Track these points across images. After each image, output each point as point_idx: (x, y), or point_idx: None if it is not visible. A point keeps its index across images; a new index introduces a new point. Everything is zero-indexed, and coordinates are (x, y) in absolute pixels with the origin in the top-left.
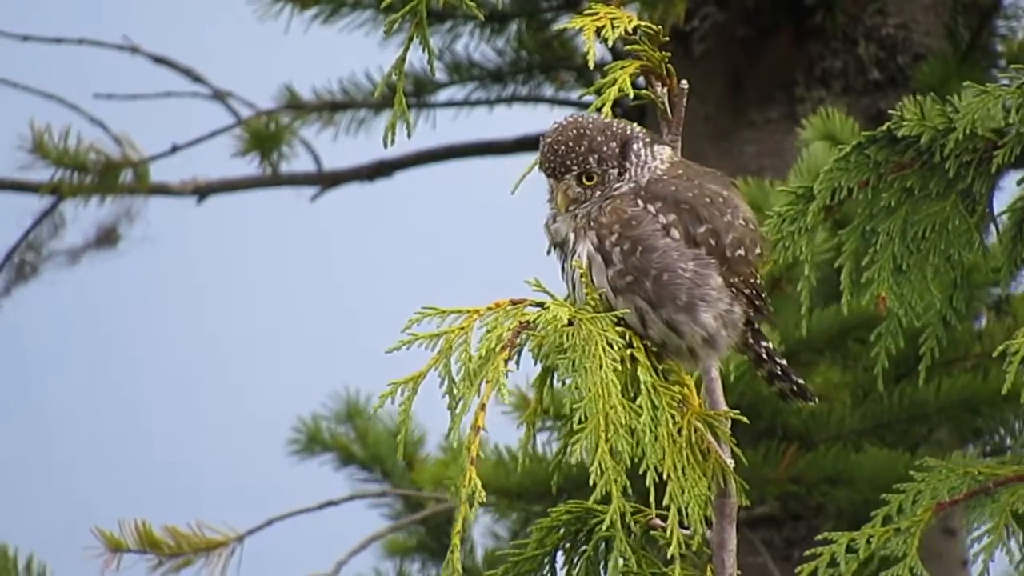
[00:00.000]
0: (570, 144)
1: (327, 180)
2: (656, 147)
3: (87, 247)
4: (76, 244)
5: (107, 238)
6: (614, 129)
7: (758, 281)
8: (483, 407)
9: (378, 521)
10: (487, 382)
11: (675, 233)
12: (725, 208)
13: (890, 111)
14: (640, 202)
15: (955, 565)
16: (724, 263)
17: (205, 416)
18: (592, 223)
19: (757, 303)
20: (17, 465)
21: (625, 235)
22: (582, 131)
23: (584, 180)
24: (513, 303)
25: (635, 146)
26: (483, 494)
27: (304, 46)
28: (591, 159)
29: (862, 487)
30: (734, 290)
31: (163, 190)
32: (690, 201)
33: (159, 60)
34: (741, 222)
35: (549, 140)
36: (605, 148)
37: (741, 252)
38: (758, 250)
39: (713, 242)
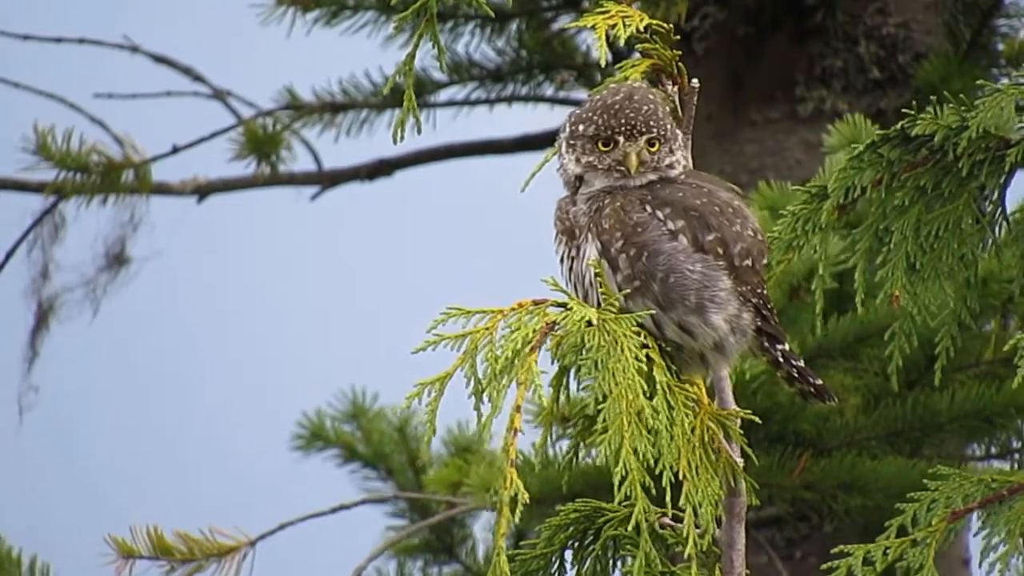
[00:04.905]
0: (650, 107)
1: (327, 179)
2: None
3: (99, 272)
4: (88, 274)
5: (117, 260)
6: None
7: (765, 291)
8: (518, 408)
9: (385, 520)
10: (519, 383)
11: (683, 239)
12: (735, 218)
13: (904, 110)
14: (648, 207)
15: (956, 563)
16: (732, 272)
17: (208, 418)
18: (593, 225)
19: (764, 313)
20: (27, 467)
21: (631, 241)
22: (654, 98)
23: (652, 146)
24: (535, 303)
25: (679, 132)
26: (526, 496)
27: (304, 46)
28: (667, 125)
29: (876, 494)
30: (742, 298)
31: (164, 190)
32: (699, 209)
33: (159, 59)
34: (750, 232)
35: (621, 99)
36: (669, 123)
37: (749, 262)
38: (765, 260)
39: (721, 251)
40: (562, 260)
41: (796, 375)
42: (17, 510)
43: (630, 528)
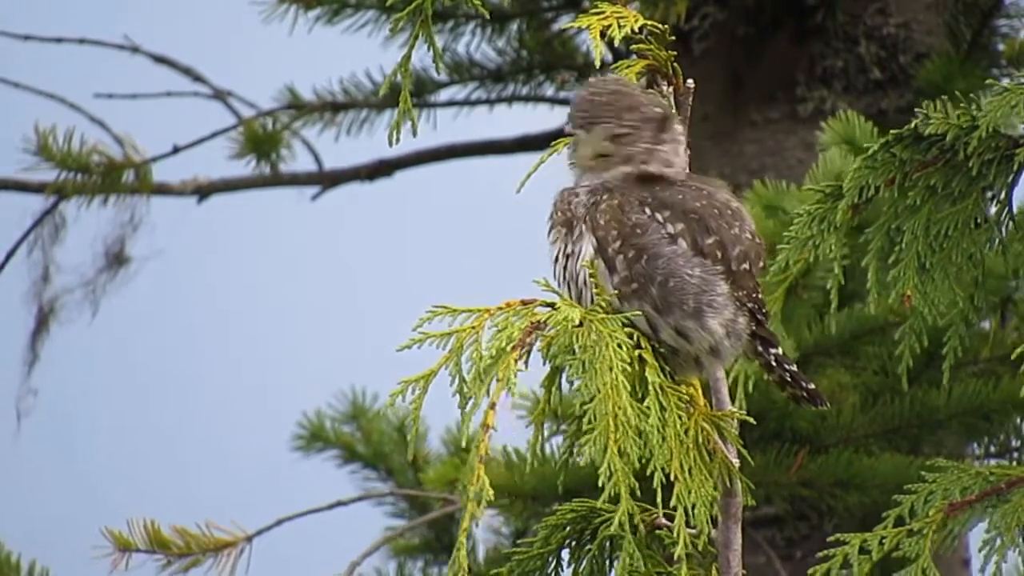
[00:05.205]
0: (609, 97)
1: (327, 180)
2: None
3: (99, 273)
4: (88, 275)
5: (117, 260)
6: (660, 100)
7: (760, 295)
8: (493, 405)
9: (384, 520)
10: (497, 380)
11: (682, 243)
12: (733, 220)
13: (916, 109)
14: (647, 209)
15: (956, 564)
16: (729, 276)
17: (207, 418)
18: (589, 219)
19: (759, 317)
20: (26, 470)
21: (629, 243)
22: (620, 88)
23: (617, 137)
24: (524, 303)
25: (678, 127)
26: (491, 492)
27: (305, 46)
28: (633, 116)
29: (873, 491)
30: (738, 302)
31: (164, 190)
32: (699, 211)
33: (160, 60)
34: (747, 235)
35: (582, 91)
36: (645, 110)
37: (746, 266)
38: (761, 263)
39: (719, 254)
40: (556, 259)
41: (788, 379)
42: (16, 513)
43: (613, 528)
